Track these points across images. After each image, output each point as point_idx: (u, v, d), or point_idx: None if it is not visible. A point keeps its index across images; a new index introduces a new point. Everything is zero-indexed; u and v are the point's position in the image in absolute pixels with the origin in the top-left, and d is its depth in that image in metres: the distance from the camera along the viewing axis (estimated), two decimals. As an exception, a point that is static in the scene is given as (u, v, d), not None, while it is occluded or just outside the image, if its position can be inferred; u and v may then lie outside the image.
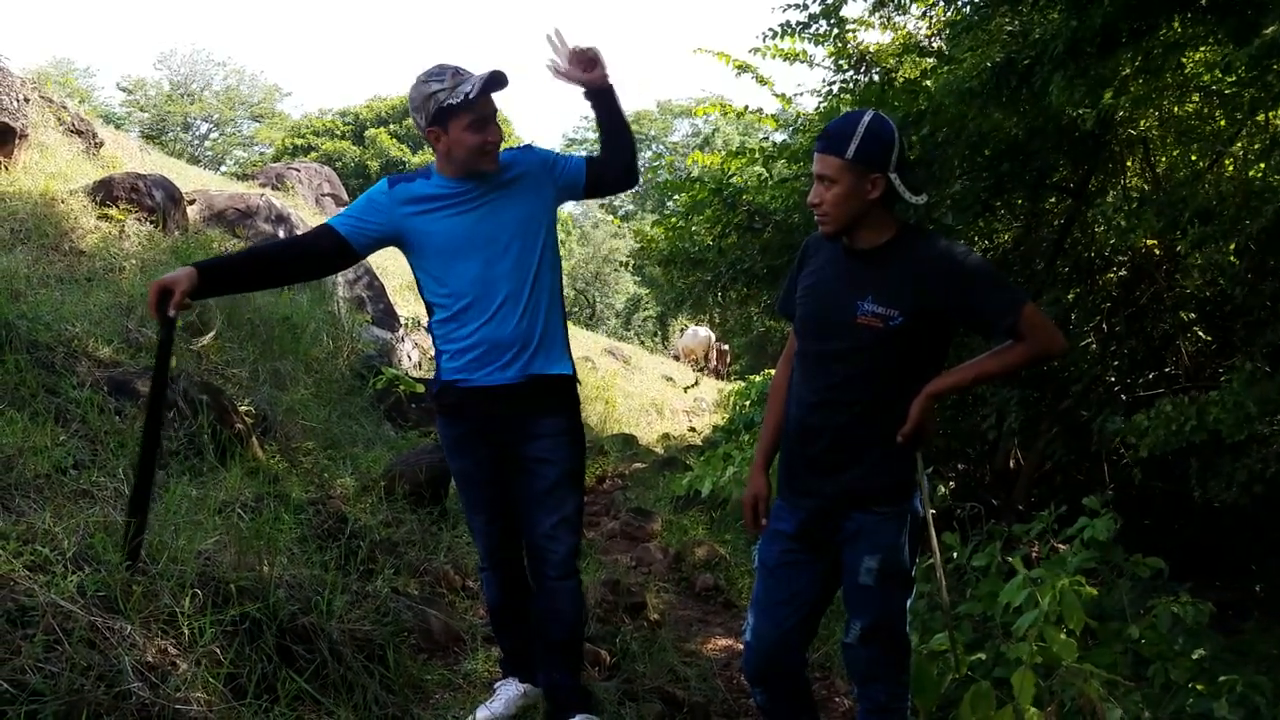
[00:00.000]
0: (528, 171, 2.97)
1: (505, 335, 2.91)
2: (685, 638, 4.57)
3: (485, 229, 2.91)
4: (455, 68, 2.87)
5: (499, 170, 2.91)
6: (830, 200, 2.46)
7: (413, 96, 2.90)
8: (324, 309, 7.92)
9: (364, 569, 3.86)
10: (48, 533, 2.69)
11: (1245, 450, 4.28)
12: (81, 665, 2.24)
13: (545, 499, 2.97)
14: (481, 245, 2.91)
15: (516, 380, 2.92)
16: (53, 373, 4.18)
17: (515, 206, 2.94)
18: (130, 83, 38.76)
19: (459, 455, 3.08)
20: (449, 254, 2.94)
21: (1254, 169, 5.45)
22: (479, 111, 2.82)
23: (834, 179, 2.44)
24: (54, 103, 8.72)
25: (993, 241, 6.94)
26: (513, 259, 2.91)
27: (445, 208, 2.93)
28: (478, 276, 2.91)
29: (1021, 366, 2.53)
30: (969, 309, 2.44)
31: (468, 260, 2.92)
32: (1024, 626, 3.15)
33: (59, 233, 6.41)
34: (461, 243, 2.92)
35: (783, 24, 6.05)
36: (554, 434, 2.96)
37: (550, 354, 2.97)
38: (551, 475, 2.97)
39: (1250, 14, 4.00)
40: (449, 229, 2.92)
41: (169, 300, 2.63)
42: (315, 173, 17.56)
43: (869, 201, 2.45)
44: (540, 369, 2.94)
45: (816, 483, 2.57)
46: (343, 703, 2.78)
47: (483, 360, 2.93)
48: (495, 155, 2.89)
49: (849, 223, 2.49)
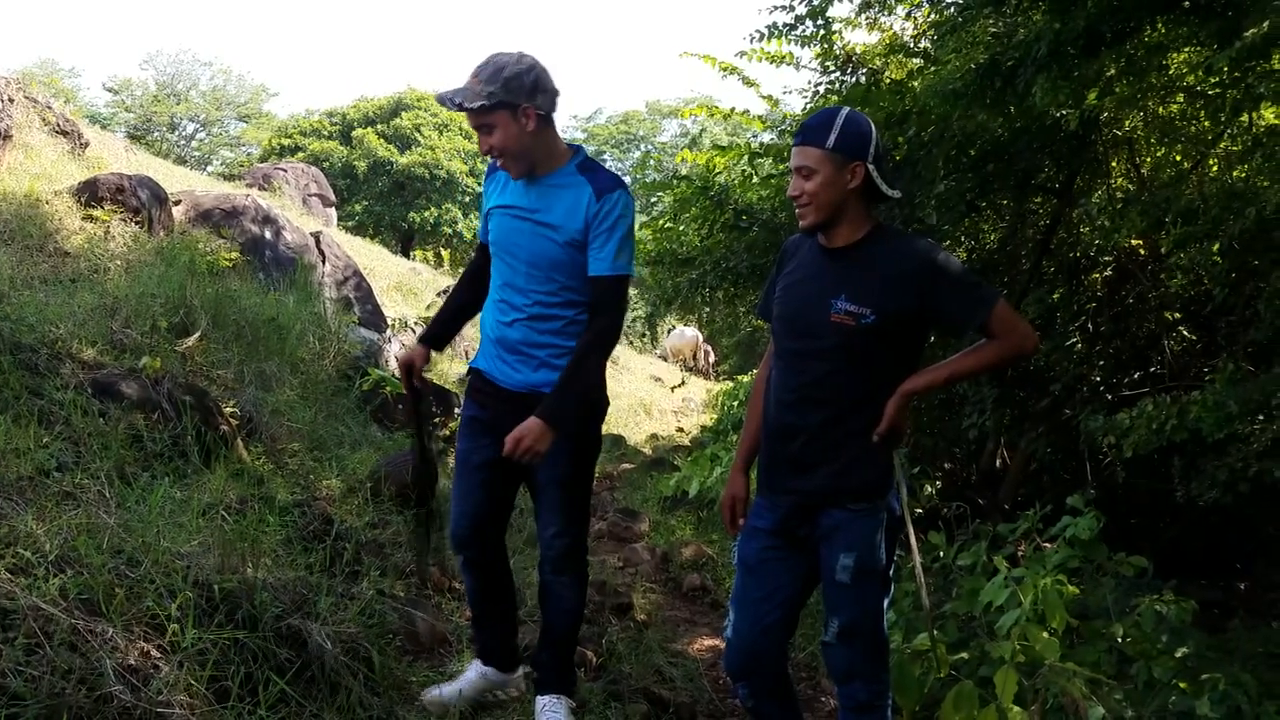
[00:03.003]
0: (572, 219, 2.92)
1: (513, 338, 3.01)
2: (672, 638, 4.57)
3: (516, 240, 2.99)
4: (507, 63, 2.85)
5: (566, 170, 2.95)
6: (810, 190, 2.49)
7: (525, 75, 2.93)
8: (310, 310, 7.89)
9: (350, 570, 3.85)
10: (30, 535, 2.68)
11: (1227, 449, 4.30)
12: (63, 669, 2.23)
13: (543, 502, 3.08)
14: (509, 251, 3.01)
15: (522, 389, 3.01)
16: (36, 374, 4.16)
17: (541, 239, 2.96)
18: (116, 83, 38.59)
19: (464, 436, 3.17)
20: (493, 245, 3.08)
21: (1237, 169, 5.48)
22: (470, 123, 2.91)
23: (815, 168, 2.48)
24: (39, 103, 8.68)
25: (978, 241, 6.95)
26: (533, 280, 2.98)
27: (508, 207, 3.01)
28: (507, 275, 3.02)
29: (995, 364, 2.55)
30: (940, 308, 2.47)
31: (500, 256, 3.04)
32: (1006, 625, 3.17)
33: (43, 234, 6.38)
34: (502, 241, 3.02)
35: (769, 26, 6.05)
36: (562, 437, 2.98)
37: (556, 372, 2.98)
38: (545, 480, 3.05)
39: (1232, 16, 4.02)
40: (498, 225, 3.04)
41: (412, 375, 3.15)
42: (302, 173, 17.54)
43: (849, 192, 2.49)
44: (545, 384, 2.99)
45: (793, 480, 2.59)
46: (327, 705, 2.77)
47: (500, 357, 3.06)
48: (500, 161, 2.95)
49: (830, 213, 2.51)
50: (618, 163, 42.50)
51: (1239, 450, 4.23)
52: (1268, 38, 3.66)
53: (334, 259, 10.17)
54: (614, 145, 42.58)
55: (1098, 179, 6.25)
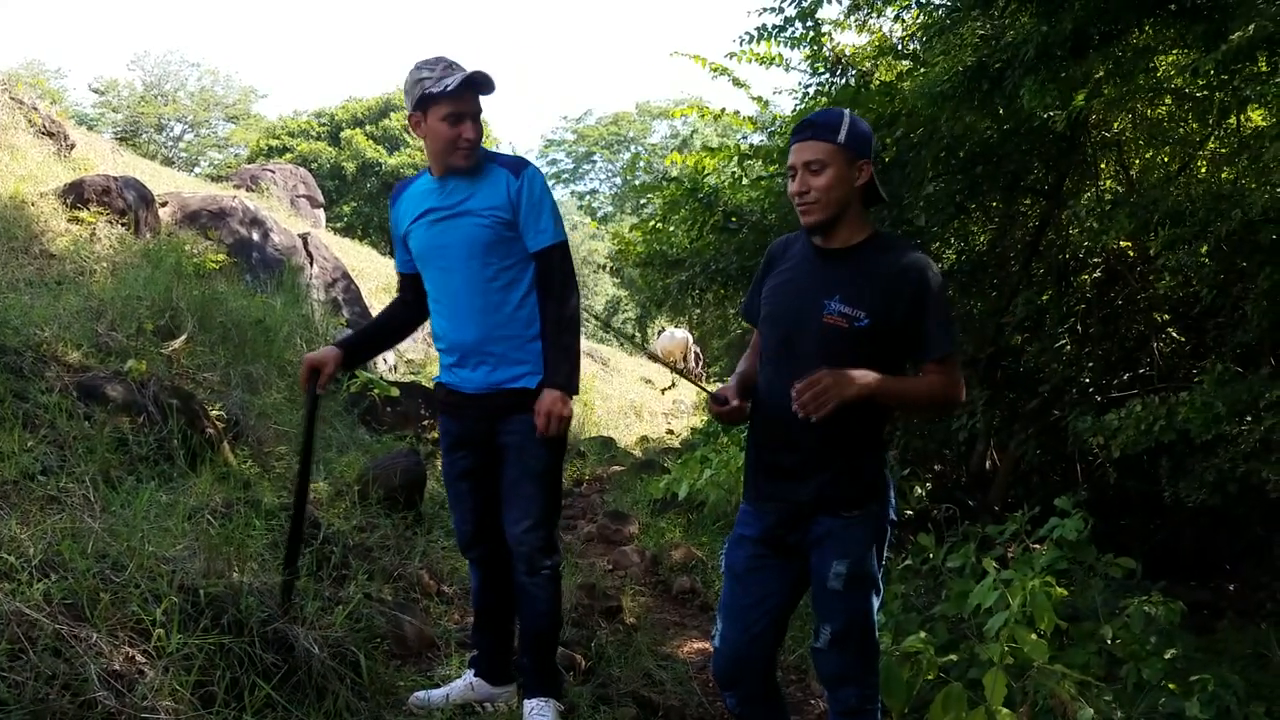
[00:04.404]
0: (494, 200, 3.00)
1: (468, 341, 3.05)
2: (661, 641, 4.56)
3: (444, 241, 3.04)
4: (451, 61, 2.97)
5: (473, 167, 3.00)
6: (820, 186, 2.48)
7: (405, 80, 3.01)
8: (298, 312, 7.87)
9: (337, 574, 3.83)
10: (13, 540, 2.66)
11: (1215, 450, 4.31)
12: (46, 674, 2.21)
13: (513, 497, 3.07)
14: (439, 255, 3.06)
15: (482, 390, 3.06)
16: (21, 377, 4.13)
17: (468, 226, 3.01)
18: (103, 84, 38.34)
19: (443, 451, 3.24)
20: (419, 260, 3.14)
21: (1225, 171, 5.50)
22: (458, 106, 2.92)
23: (826, 162, 2.47)
24: (25, 104, 8.64)
25: (968, 243, 6.95)
26: (469, 272, 3.02)
27: (425, 214, 3.07)
28: (442, 283, 3.08)
29: (932, 401, 2.53)
30: (917, 327, 2.47)
31: (430, 267, 3.10)
32: (995, 627, 3.17)
33: (29, 236, 6.35)
34: (428, 251, 3.08)
35: (759, 28, 6.06)
36: (523, 432, 3.02)
37: (515, 366, 3.05)
38: (517, 474, 3.06)
39: (1218, 19, 4.04)
40: (422, 237, 3.09)
41: (318, 377, 3.03)
42: (290, 174, 17.51)
43: (855, 189, 2.50)
44: (504, 381, 3.04)
45: (783, 487, 2.58)
46: (314, 710, 2.75)
47: (459, 364, 3.10)
48: (469, 152, 2.98)
49: (836, 211, 2.50)
50: (607, 164, 42.52)
51: (1227, 451, 4.25)
52: (1254, 40, 3.68)
53: (322, 260, 10.14)
54: (604, 146, 42.59)
55: (1086, 181, 6.26)
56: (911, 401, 2.54)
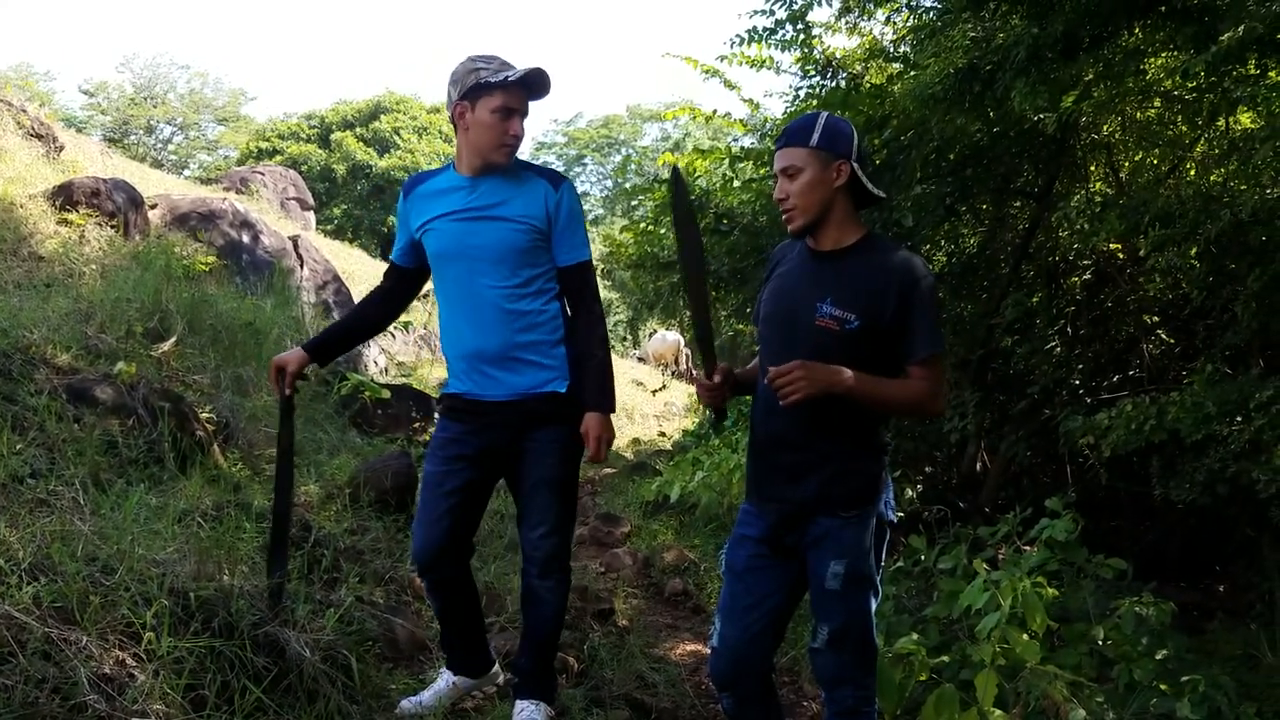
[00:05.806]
0: (533, 210, 2.97)
1: (492, 347, 2.98)
2: (653, 643, 4.55)
3: (474, 242, 2.97)
4: (506, 61, 2.93)
5: (508, 170, 2.97)
6: (797, 190, 2.49)
7: (456, 70, 2.94)
8: (288, 314, 7.84)
9: (328, 577, 3.81)
10: (3, 543, 2.64)
11: (1205, 450, 4.33)
12: (36, 678, 2.20)
13: (531, 504, 3.06)
14: (465, 256, 2.98)
15: (509, 397, 3.00)
16: (10, 380, 4.10)
17: (503, 230, 2.96)
18: (92, 86, 38.20)
19: (435, 460, 3.11)
20: (438, 259, 3.05)
21: (1214, 173, 5.52)
22: (511, 100, 2.89)
23: (800, 166, 2.49)
24: (13, 106, 8.61)
25: (958, 245, 6.97)
26: (498, 276, 2.96)
27: (451, 212, 2.99)
28: (465, 284, 2.99)
29: (912, 404, 2.52)
30: (905, 328, 2.46)
31: (452, 266, 3.01)
32: (987, 628, 3.17)
33: (17, 238, 6.32)
34: (452, 250, 3.00)
35: (749, 30, 6.07)
36: (547, 439, 3.00)
37: (542, 371, 3.00)
38: (536, 480, 3.03)
39: (1208, 21, 4.05)
40: (446, 233, 3.01)
41: (284, 378, 3.02)
42: (280, 176, 17.47)
43: (835, 190, 2.50)
44: (533, 387, 3.00)
45: (782, 488, 2.58)
46: (305, 713, 2.74)
47: (479, 371, 3.02)
48: (512, 150, 2.95)
49: (817, 214, 2.50)
50: (599, 167, 42.48)
51: (1217, 451, 4.26)
52: (1244, 42, 3.69)
53: (312, 263, 10.12)
54: (595, 149, 42.56)
55: (1076, 183, 6.29)
56: (885, 403, 2.52)
